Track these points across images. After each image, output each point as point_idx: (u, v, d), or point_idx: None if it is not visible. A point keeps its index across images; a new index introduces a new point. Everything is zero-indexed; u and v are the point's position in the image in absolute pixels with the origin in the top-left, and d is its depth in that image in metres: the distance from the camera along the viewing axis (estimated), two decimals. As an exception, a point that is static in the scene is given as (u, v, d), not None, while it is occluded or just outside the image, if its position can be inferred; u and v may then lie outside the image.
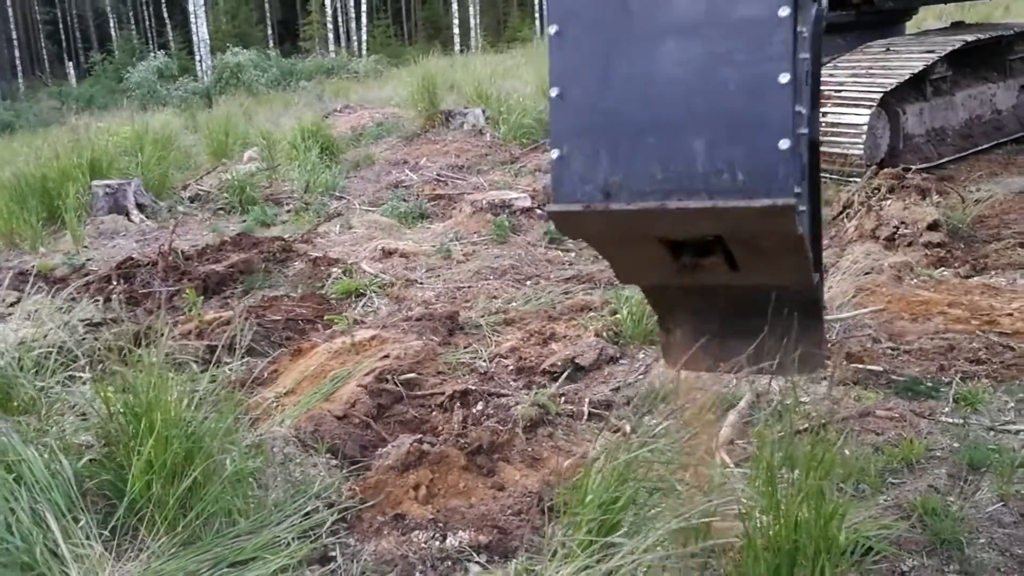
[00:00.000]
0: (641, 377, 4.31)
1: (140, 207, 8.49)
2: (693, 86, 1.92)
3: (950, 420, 3.60)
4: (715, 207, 1.93)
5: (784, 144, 1.87)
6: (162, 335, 3.29)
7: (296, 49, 40.67)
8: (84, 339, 4.53)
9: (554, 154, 2.01)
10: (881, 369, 4.03)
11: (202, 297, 5.42)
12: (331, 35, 41.95)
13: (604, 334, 4.81)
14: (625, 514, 2.48)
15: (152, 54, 33.03)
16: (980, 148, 8.24)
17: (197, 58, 33.12)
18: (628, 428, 3.88)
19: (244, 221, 8.16)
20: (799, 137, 1.92)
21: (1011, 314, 4.34)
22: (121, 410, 3.14)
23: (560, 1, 2.01)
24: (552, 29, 2.00)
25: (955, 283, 4.93)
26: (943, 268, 5.14)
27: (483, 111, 11.11)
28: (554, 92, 2.01)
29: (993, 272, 5.06)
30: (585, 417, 4.01)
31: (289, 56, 33.60)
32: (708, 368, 2.87)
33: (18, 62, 46.20)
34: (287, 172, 9.59)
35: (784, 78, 1.86)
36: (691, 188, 1.94)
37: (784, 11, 1.85)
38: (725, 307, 2.62)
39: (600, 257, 5.34)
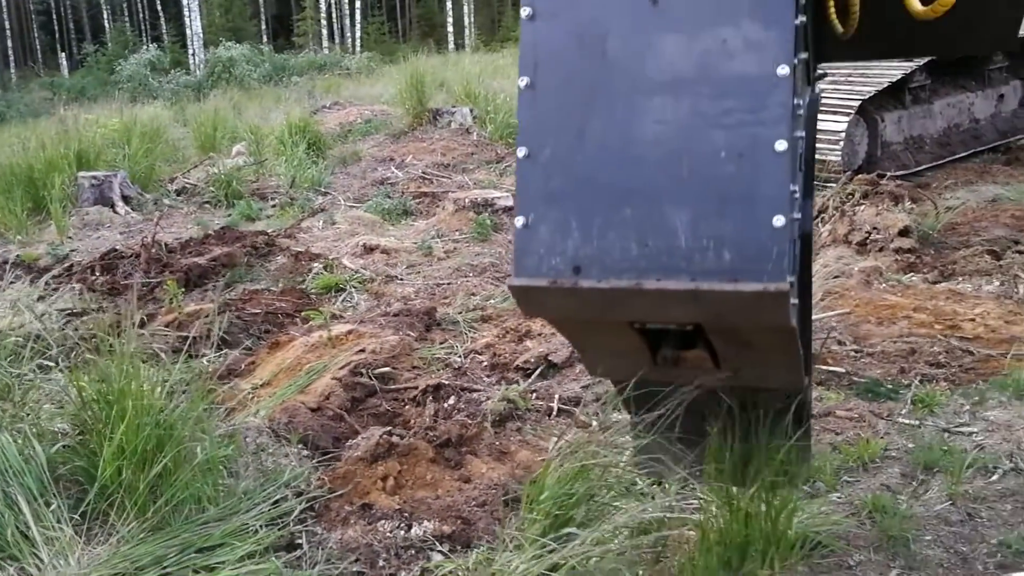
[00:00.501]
0: (612, 375, 4.38)
1: (126, 199, 8.54)
2: (677, 150, 1.71)
3: (907, 421, 3.69)
4: (697, 290, 1.69)
5: (779, 221, 1.65)
6: (134, 324, 3.35)
7: (290, 44, 40.66)
8: (63, 329, 4.60)
9: (519, 222, 1.76)
10: (844, 371, 4.12)
11: (183, 289, 5.48)
12: (325, 31, 41.95)
13: (578, 332, 4.89)
14: (579, 509, 2.55)
15: (145, 47, 32.96)
16: (957, 156, 8.35)
17: (190, 52, 33.12)
18: (595, 424, 3.98)
19: (229, 215, 8.21)
20: (794, 218, 1.69)
21: (973, 319, 4.43)
22: (94, 397, 3.20)
23: (530, 51, 1.81)
24: (522, 82, 1.80)
25: (922, 288, 5.03)
26: (912, 273, 5.24)
27: (471, 110, 11.19)
28: (522, 152, 1.78)
29: (960, 278, 5.16)
30: (555, 413, 4.09)
31: (282, 51, 33.61)
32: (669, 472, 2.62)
33: (10, 52, 46.07)
34: (274, 167, 9.65)
35: (781, 145, 1.66)
36: (671, 267, 1.71)
37: (783, 70, 1.67)
38: (705, 408, 2.38)
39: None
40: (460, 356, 4.75)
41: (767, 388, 2.26)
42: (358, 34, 41.20)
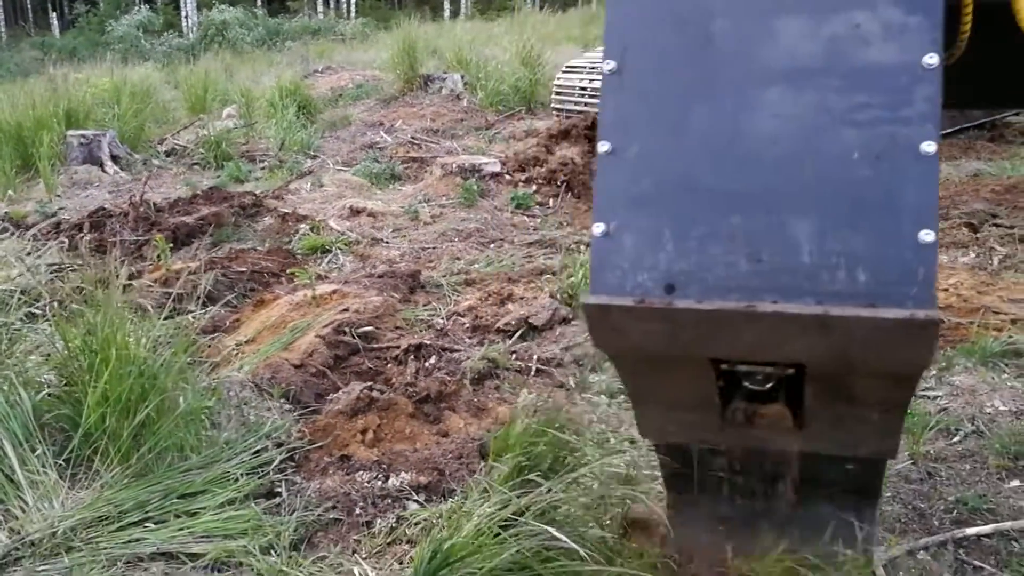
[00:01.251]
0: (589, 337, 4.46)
1: (115, 159, 8.55)
2: (800, 150, 1.45)
3: (875, 385, 3.78)
4: (826, 315, 1.40)
5: (927, 236, 1.38)
6: (119, 276, 3.41)
7: (284, 9, 40.27)
8: (51, 282, 4.65)
9: (597, 229, 1.52)
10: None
11: (171, 246, 5.53)
12: (320, -4, 41.57)
13: (559, 296, 4.97)
14: (545, 459, 2.63)
15: (137, 8, 32.70)
16: (944, 132, 8.41)
17: (183, 14, 32.82)
18: (572, 383, 4.07)
19: (218, 176, 8.25)
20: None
21: (946, 289, 4.52)
22: (80, 347, 3.26)
23: (618, 31, 1.58)
24: (607, 66, 1.57)
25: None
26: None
27: (462, 77, 11.18)
28: (604, 147, 1.54)
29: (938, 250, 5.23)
30: (533, 372, 4.17)
31: (276, 16, 33.34)
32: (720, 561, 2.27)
33: (1, 11, 45.60)
34: (264, 130, 9.66)
35: (929, 147, 1.40)
36: (792, 287, 1.43)
37: (932, 59, 1.41)
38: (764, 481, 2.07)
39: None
40: (443, 318, 4.83)
41: (851, 457, 1.91)
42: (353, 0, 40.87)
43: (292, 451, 3.41)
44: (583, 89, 9.14)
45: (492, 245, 6.05)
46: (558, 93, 9.39)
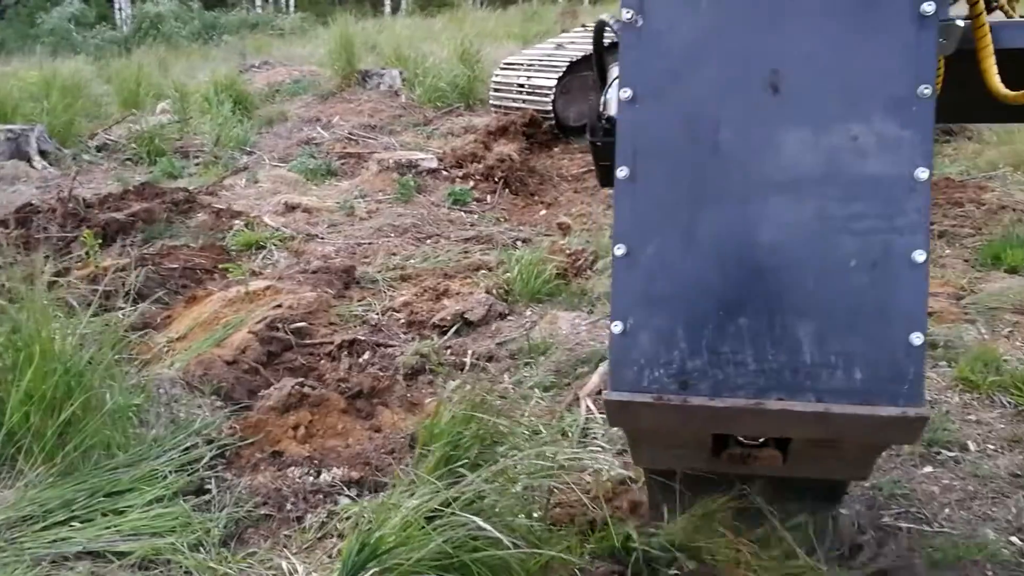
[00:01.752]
0: (526, 332, 4.51)
1: (43, 153, 8.36)
2: (802, 257, 1.58)
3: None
4: (827, 412, 1.56)
5: (916, 339, 1.53)
6: (43, 272, 3.36)
7: (221, 2, 39.64)
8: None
9: (616, 328, 1.63)
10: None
11: (100, 242, 5.44)
12: (257, -11, 40.97)
13: (495, 291, 5.01)
14: (472, 450, 2.66)
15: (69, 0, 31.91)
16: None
17: (116, 6, 32.07)
18: (507, 378, 4.11)
19: (151, 172, 8.11)
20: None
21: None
22: (3, 344, 3.21)
23: (632, 136, 1.64)
24: (621, 172, 1.64)
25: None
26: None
27: (400, 73, 11.15)
28: (620, 250, 1.64)
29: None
30: (467, 368, 4.20)
31: (213, 9, 32.78)
32: None
33: (-76, 0, 44.08)
34: (199, 125, 9.53)
35: (919, 256, 1.54)
36: (794, 385, 1.58)
37: (923, 173, 1.54)
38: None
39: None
40: (377, 313, 4.83)
41: (827, 479, 2.15)
42: (292, -7, 40.38)
43: (223, 448, 3.40)
44: (521, 86, 9.19)
45: (428, 241, 6.07)
46: (496, 90, 9.43)
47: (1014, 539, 2.84)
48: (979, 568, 2.70)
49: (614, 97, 1.81)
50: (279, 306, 4.63)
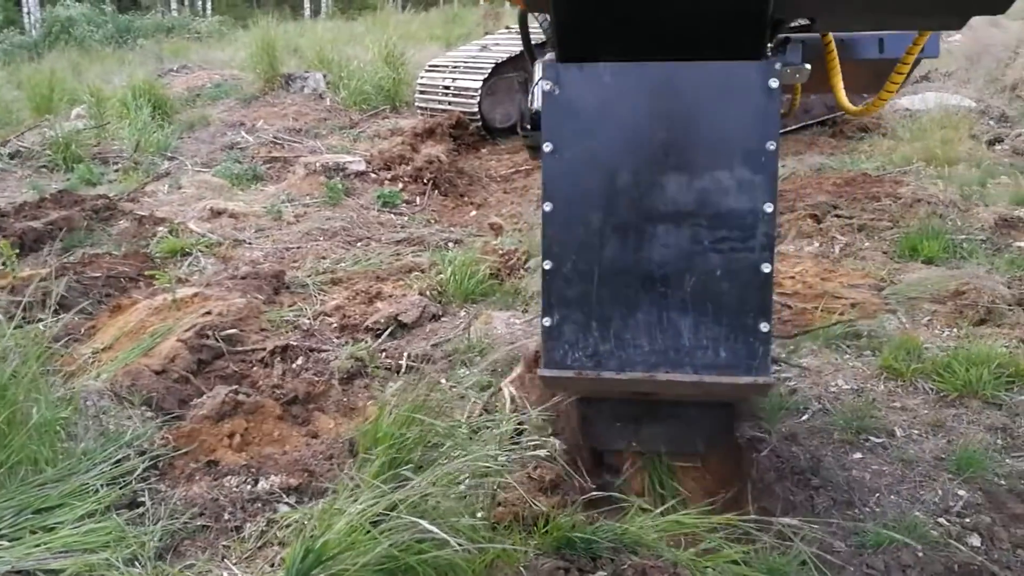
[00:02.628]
0: (460, 333, 4.51)
1: (-48, 162, 8.05)
2: (682, 269, 2.17)
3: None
4: (701, 381, 2.19)
5: (764, 327, 2.15)
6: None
7: (135, 5, 38.70)
8: None
9: (546, 322, 2.25)
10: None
11: (17, 252, 5.26)
12: (173, -8, 40.12)
13: (428, 293, 4.99)
14: (415, 452, 2.65)
15: (-28, 3, 30.78)
16: (788, 129, 8.83)
17: (24, 10, 31.06)
18: (443, 380, 4.09)
19: (68, 179, 7.87)
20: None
21: (793, 277, 4.77)
22: (-81, 360, 3.09)
23: (553, 179, 2.20)
24: (547, 207, 2.20)
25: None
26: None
27: (324, 76, 11.03)
28: (547, 265, 2.23)
29: (784, 240, 5.53)
30: (403, 370, 4.18)
31: (127, 12, 31.97)
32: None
33: None
34: (117, 131, 9.28)
35: (766, 268, 2.13)
36: (677, 362, 2.22)
37: (769, 208, 2.10)
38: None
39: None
40: (309, 318, 4.78)
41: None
42: (208, -4, 39.65)
43: (155, 459, 3.32)
44: (447, 88, 9.17)
45: (359, 243, 6.02)
46: (422, 92, 9.40)
47: (942, 520, 2.94)
48: (910, 550, 2.79)
49: (539, 93, 2.32)
50: (208, 313, 4.55)
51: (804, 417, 3.56)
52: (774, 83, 2.10)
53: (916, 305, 4.43)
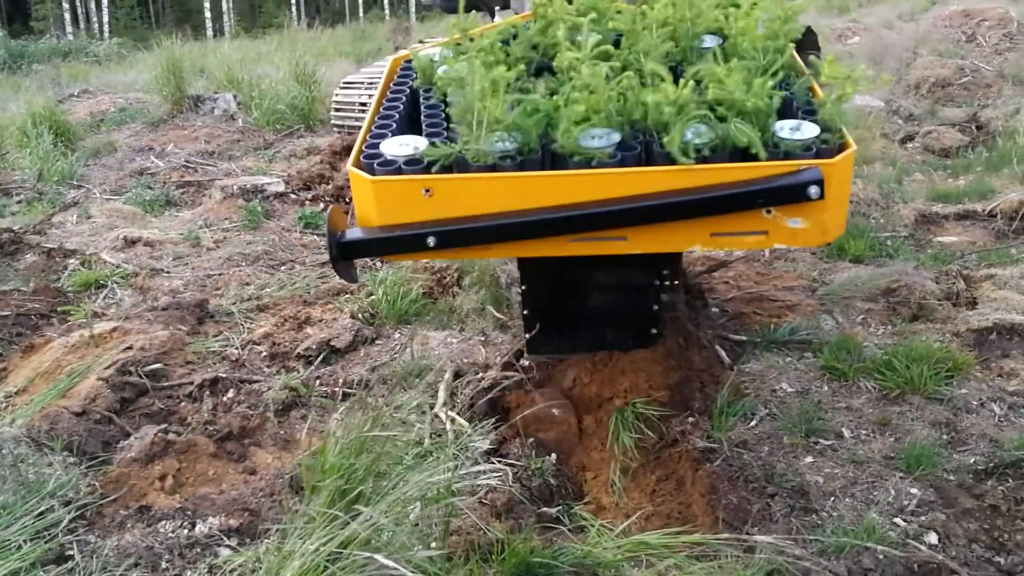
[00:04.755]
0: (396, 356, 4.38)
1: None
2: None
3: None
4: None
5: None
6: None
7: (28, 30, 37.39)
8: None
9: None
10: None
11: (-86, 294, 4.94)
12: (68, 15, 38.93)
13: (360, 316, 4.85)
14: (366, 483, 2.53)
15: None
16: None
17: (-94, 36, 29.69)
18: (382, 404, 3.96)
19: (-35, 213, 7.46)
20: None
21: (727, 282, 4.78)
22: None
23: None
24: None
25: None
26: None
27: (235, 96, 10.74)
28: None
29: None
30: (340, 397, 4.04)
31: (19, 37, 30.84)
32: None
33: None
34: (17, 160, 8.86)
35: None
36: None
37: None
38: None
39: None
40: (237, 348, 4.58)
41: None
42: (106, 19, 38.58)
43: (82, 508, 3.12)
44: (363, 104, 9.02)
45: (283, 267, 5.83)
46: (337, 109, 9.22)
47: (898, 520, 2.94)
48: (870, 553, 2.78)
49: None
50: (129, 348, 4.32)
51: (753, 423, 3.54)
52: None
53: (849, 304, 4.48)
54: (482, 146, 2.69)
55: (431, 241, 2.73)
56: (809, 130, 2.69)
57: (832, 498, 3.07)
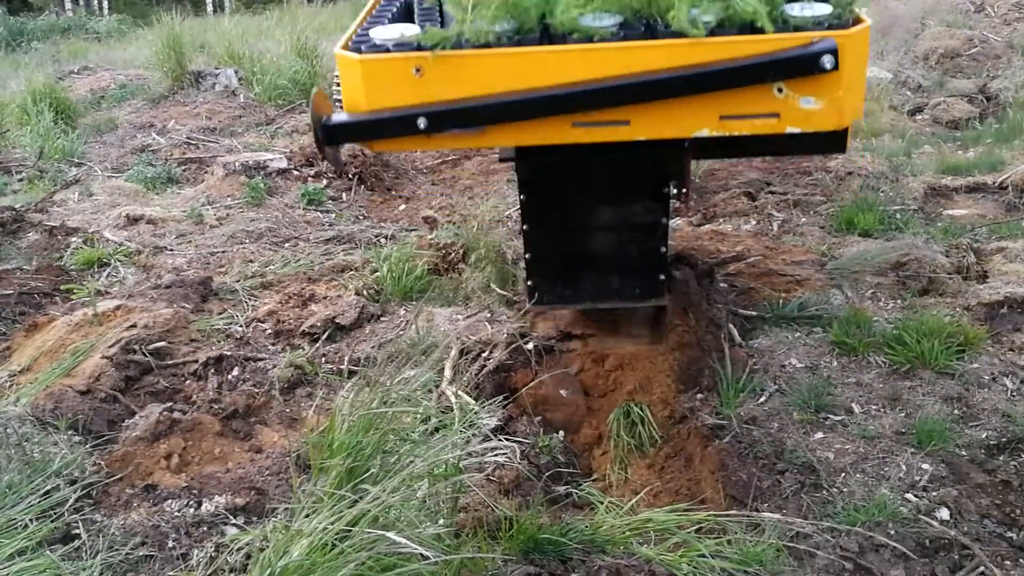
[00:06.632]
0: (402, 333, 4.35)
1: None
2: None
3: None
4: None
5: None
6: None
7: (26, 7, 37.14)
8: None
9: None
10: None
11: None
12: (67, -9, 38.64)
13: (365, 293, 4.82)
14: (374, 460, 2.51)
15: None
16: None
17: (-96, 14, 29.51)
18: (387, 382, 3.93)
19: (-33, 192, 7.42)
20: None
21: (736, 256, 4.73)
22: None
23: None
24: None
25: (688, 231, 5.32)
26: (677, 217, 5.53)
27: (236, 72, 10.64)
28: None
29: (721, 219, 5.50)
30: (346, 375, 4.01)
31: (17, 14, 30.65)
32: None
33: None
34: (18, 138, 8.80)
35: None
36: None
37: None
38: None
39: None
40: (241, 325, 4.56)
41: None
42: (105, -5, 38.30)
43: (88, 487, 3.11)
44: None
45: (287, 244, 5.79)
46: (339, 84, 9.14)
47: (909, 496, 2.92)
48: (882, 528, 2.76)
49: None
50: (133, 326, 4.29)
51: (762, 399, 3.51)
52: None
53: (859, 278, 4.44)
54: (479, 24, 2.57)
55: (422, 123, 2.61)
56: (820, 8, 2.58)
57: (843, 474, 3.05)
